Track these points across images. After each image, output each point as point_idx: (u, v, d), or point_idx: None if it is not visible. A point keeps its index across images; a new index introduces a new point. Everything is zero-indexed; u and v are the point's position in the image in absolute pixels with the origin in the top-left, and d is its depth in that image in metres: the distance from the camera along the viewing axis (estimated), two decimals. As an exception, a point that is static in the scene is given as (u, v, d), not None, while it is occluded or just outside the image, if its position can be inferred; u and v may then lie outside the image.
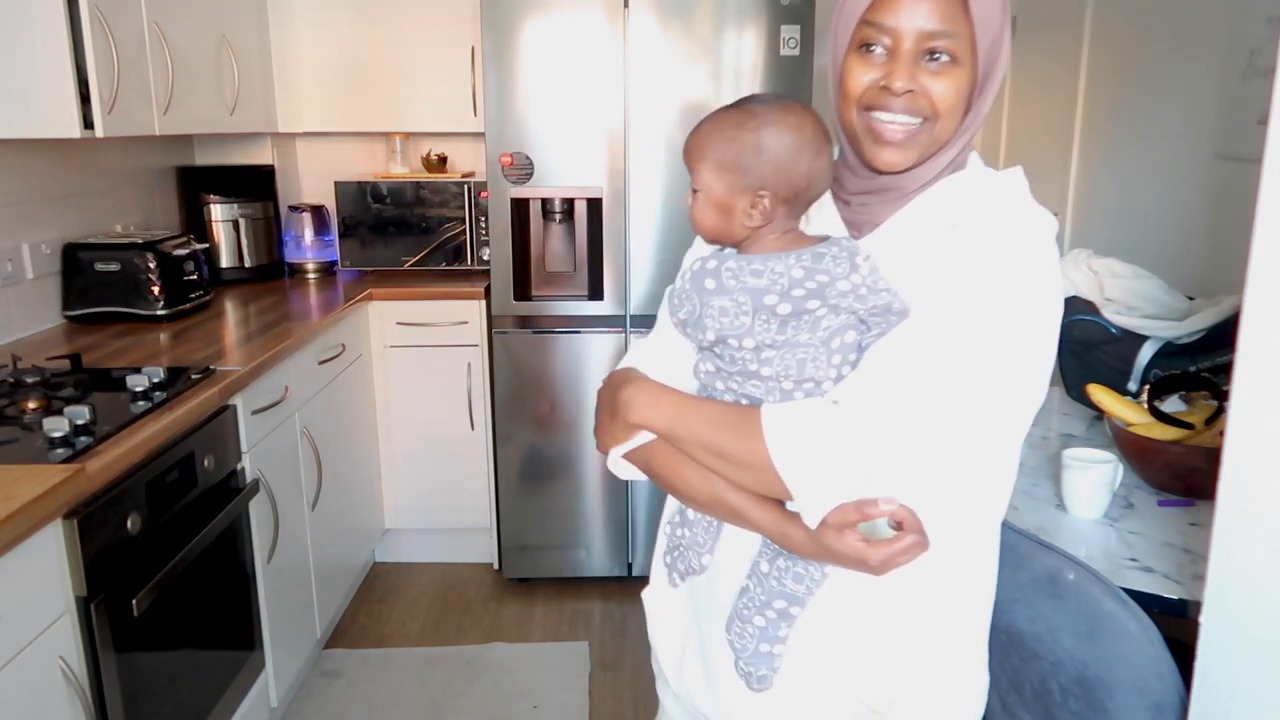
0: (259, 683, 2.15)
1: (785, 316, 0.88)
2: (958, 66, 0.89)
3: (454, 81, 3.12)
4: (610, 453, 1.01)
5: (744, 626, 0.96)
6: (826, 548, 0.87)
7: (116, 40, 2.11)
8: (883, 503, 0.85)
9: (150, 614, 1.65)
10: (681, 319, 0.94)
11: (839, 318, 0.89)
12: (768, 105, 0.92)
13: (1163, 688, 1.16)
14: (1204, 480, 1.16)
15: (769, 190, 0.91)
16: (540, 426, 2.94)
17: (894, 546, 0.86)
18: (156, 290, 2.53)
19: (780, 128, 0.90)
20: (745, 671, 0.98)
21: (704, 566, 1.02)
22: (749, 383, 0.92)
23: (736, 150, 0.91)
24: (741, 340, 0.90)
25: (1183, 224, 2.97)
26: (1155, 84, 3.17)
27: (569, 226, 2.95)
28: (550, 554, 3.03)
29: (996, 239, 0.89)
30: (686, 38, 2.70)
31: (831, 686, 0.98)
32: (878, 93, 0.90)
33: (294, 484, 2.40)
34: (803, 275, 0.88)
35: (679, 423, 0.94)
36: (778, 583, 0.94)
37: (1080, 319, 1.93)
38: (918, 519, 0.86)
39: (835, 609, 0.96)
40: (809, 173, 0.91)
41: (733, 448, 0.90)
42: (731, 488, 0.92)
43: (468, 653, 2.71)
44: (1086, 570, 1.18)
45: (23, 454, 1.51)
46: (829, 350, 0.89)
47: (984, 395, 0.87)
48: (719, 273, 0.90)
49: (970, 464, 0.90)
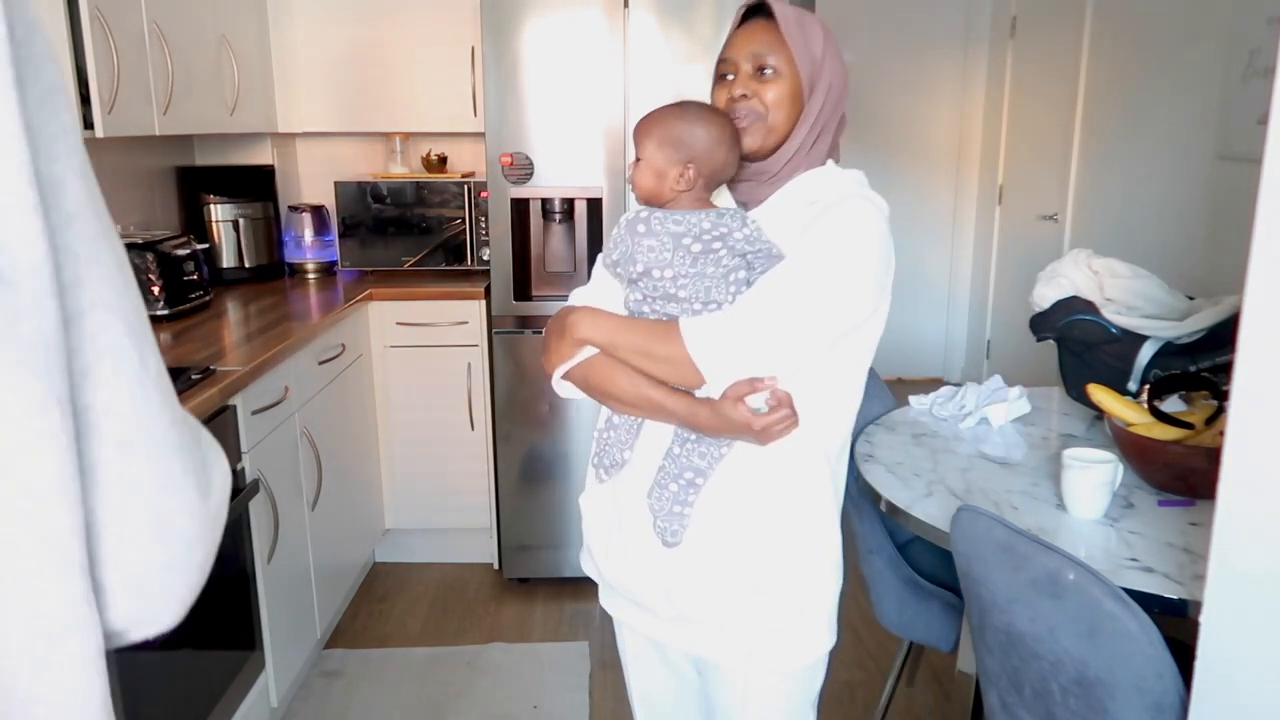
0: (259, 683, 2.15)
1: (697, 254, 1.19)
2: (780, 77, 1.24)
3: (454, 81, 3.12)
4: (554, 373, 1.27)
5: (660, 492, 1.23)
6: (724, 417, 1.17)
7: (116, 40, 2.11)
8: (766, 380, 1.16)
9: (150, 614, 1.65)
10: (615, 259, 1.23)
11: (734, 259, 1.20)
12: (703, 108, 1.25)
13: (1163, 688, 1.16)
14: (1204, 480, 1.17)
15: (695, 164, 1.21)
16: (540, 426, 2.94)
17: (772, 417, 1.16)
18: (156, 290, 2.53)
19: (709, 123, 1.22)
20: (661, 528, 1.24)
21: (625, 460, 1.28)
22: (669, 305, 1.20)
23: (678, 132, 1.22)
24: (663, 271, 1.19)
25: (1183, 224, 2.98)
26: (1155, 84, 3.17)
27: (569, 226, 2.95)
28: (550, 554, 3.03)
29: (845, 211, 1.22)
30: (686, 38, 2.70)
31: (722, 549, 1.24)
32: (729, 102, 1.26)
33: (294, 484, 2.40)
34: (710, 226, 1.20)
35: (616, 334, 1.22)
36: (686, 459, 1.22)
37: (1080, 319, 1.93)
38: (790, 398, 1.17)
39: (727, 488, 1.23)
40: (725, 159, 1.23)
41: (658, 348, 1.18)
42: (653, 384, 1.20)
43: (468, 653, 2.71)
44: (1086, 570, 1.18)
45: (23, 454, 1.51)
46: (727, 282, 1.19)
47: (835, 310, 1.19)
48: (649, 220, 1.20)
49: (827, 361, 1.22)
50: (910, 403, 2.09)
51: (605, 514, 1.34)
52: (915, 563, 1.97)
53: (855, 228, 1.21)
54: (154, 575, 0.58)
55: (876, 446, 1.84)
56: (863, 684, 2.54)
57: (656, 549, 1.25)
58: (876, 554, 1.90)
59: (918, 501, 1.57)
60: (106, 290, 0.52)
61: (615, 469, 1.30)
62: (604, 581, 1.40)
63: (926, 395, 2.08)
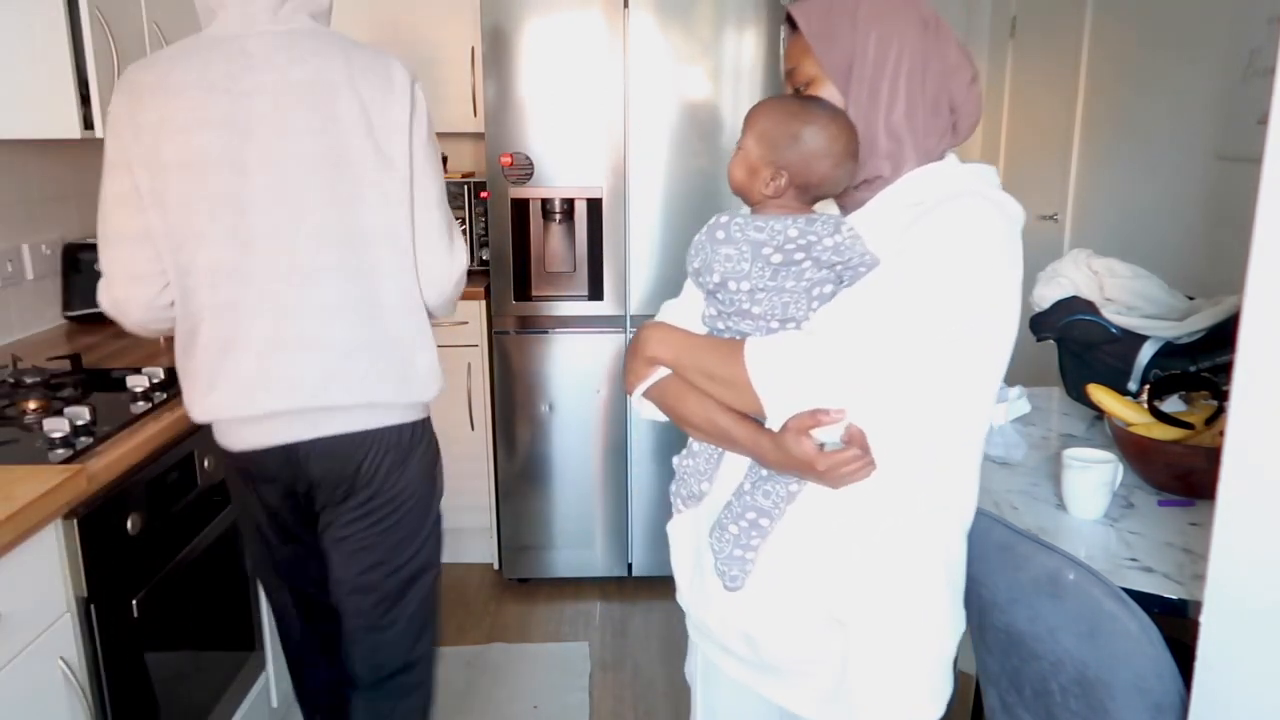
0: (259, 683, 2.15)
1: (777, 265, 1.06)
2: (821, 85, 1.13)
3: (454, 81, 3.12)
4: (634, 391, 1.19)
5: (721, 533, 1.14)
6: (786, 451, 1.04)
7: (116, 40, 2.11)
8: (834, 412, 1.01)
9: (150, 614, 1.65)
10: (695, 267, 1.12)
11: (820, 272, 1.07)
12: (822, 111, 1.10)
13: (1163, 688, 1.16)
14: (1204, 480, 1.16)
15: (788, 172, 1.09)
16: (540, 426, 2.94)
17: (838, 457, 1.02)
18: (156, 290, 2.52)
19: (819, 131, 1.08)
20: (721, 571, 1.15)
21: (703, 493, 1.19)
22: (743, 321, 1.10)
23: (779, 131, 1.10)
24: (740, 283, 1.08)
25: (1182, 224, 2.98)
26: (1155, 84, 3.17)
27: (569, 226, 2.95)
28: (550, 554, 3.03)
29: (951, 211, 1.06)
30: (686, 38, 2.70)
31: (798, 594, 1.13)
32: None
33: (294, 484, 2.40)
34: (796, 234, 1.06)
35: (683, 353, 1.13)
36: (751, 497, 1.12)
37: (1080, 319, 1.93)
38: (865, 438, 1.02)
39: (806, 526, 1.12)
40: (825, 175, 1.10)
41: (720, 370, 1.08)
42: (721, 409, 1.10)
43: (468, 653, 2.71)
44: (1086, 570, 1.18)
45: (23, 454, 1.52)
46: (809, 297, 1.08)
47: (931, 333, 1.02)
48: (729, 226, 1.09)
49: (920, 397, 1.03)
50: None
51: (688, 544, 1.26)
52: (915, 563, 1.97)
53: (959, 229, 1.04)
54: (435, 275, 1.64)
55: (876, 446, 1.84)
56: (863, 684, 2.54)
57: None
58: (877, 554, 1.90)
59: (918, 501, 1.56)
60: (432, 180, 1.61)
61: (693, 501, 1.21)
62: (690, 617, 1.31)
63: (926, 395, 2.08)
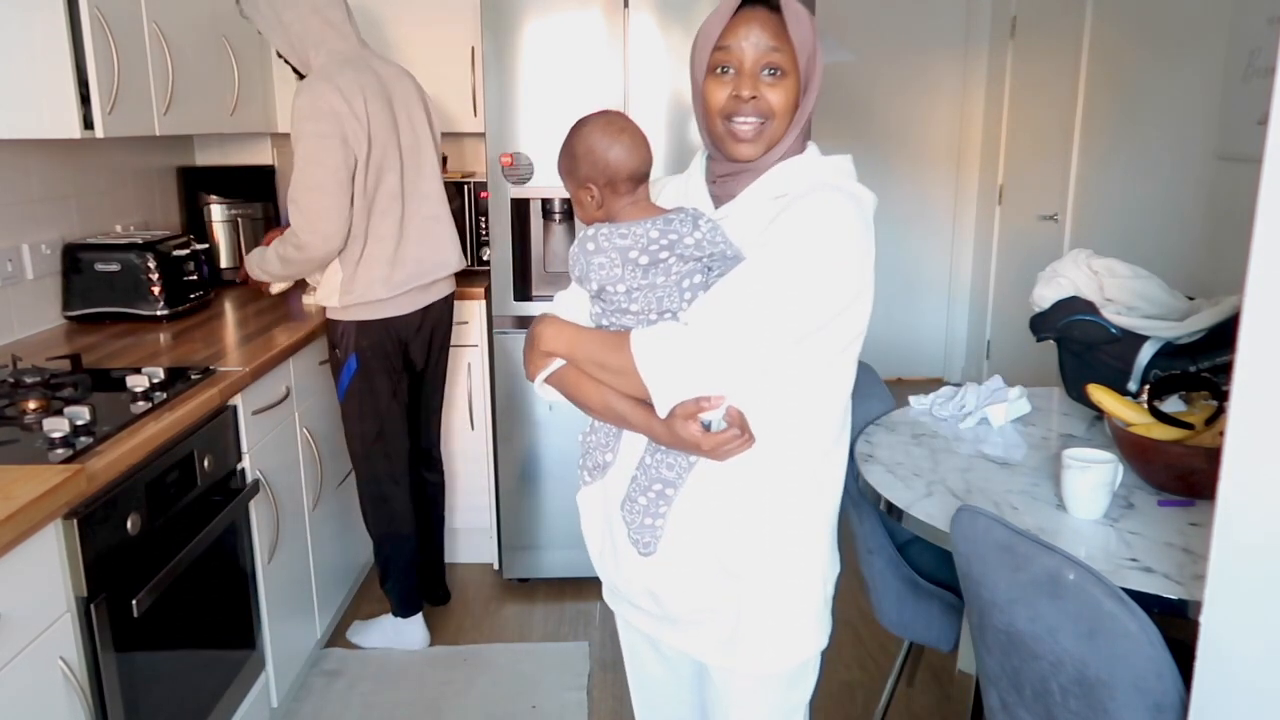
0: (259, 683, 2.15)
1: (645, 266, 1.16)
2: (786, 78, 1.18)
3: (454, 81, 3.12)
4: (535, 379, 1.27)
5: (632, 504, 1.24)
6: (675, 434, 1.14)
7: (116, 40, 2.11)
8: (714, 399, 1.12)
9: (150, 614, 1.65)
10: (576, 276, 1.22)
11: (687, 264, 1.17)
12: (583, 120, 1.23)
13: (1163, 688, 1.16)
14: (1204, 480, 1.17)
15: (592, 183, 1.22)
16: (540, 426, 2.94)
17: (721, 437, 1.13)
18: (156, 290, 2.53)
19: (584, 133, 1.22)
20: (634, 539, 1.25)
21: (607, 464, 1.29)
22: (624, 317, 1.19)
23: (562, 163, 1.25)
24: (616, 286, 1.18)
25: (1183, 224, 2.97)
26: (1155, 84, 3.17)
27: (569, 226, 2.95)
28: (550, 554, 3.03)
29: (809, 203, 1.15)
30: (686, 38, 2.70)
31: (698, 554, 1.24)
32: (732, 102, 1.18)
33: (295, 484, 2.40)
34: (657, 235, 1.16)
35: (575, 346, 1.22)
36: (655, 470, 1.21)
37: (1080, 319, 1.93)
38: (743, 418, 1.14)
39: (700, 492, 1.22)
40: (609, 161, 1.20)
41: (611, 360, 1.17)
42: (616, 395, 1.19)
43: (468, 653, 2.71)
44: (1086, 570, 1.18)
45: (23, 454, 1.51)
46: (680, 289, 1.17)
47: (792, 313, 1.12)
48: (596, 238, 1.19)
49: (789, 376, 1.18)
50: (910, 403, 2.09)
51: (598, 512, 1.35)
52: (915, 563, 1.97)
53: (816, 222, 1.13)
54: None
55: (876, 446, 1.84)
56: (863, 684, 2.54)
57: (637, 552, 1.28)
58: (876, 554, 1.90)
59: (917, 502, 1.57)
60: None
61: (599, 471, 1.31)
62: (604, 578, 1.42)
63: (926, 395, 2.08)
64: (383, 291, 2.41)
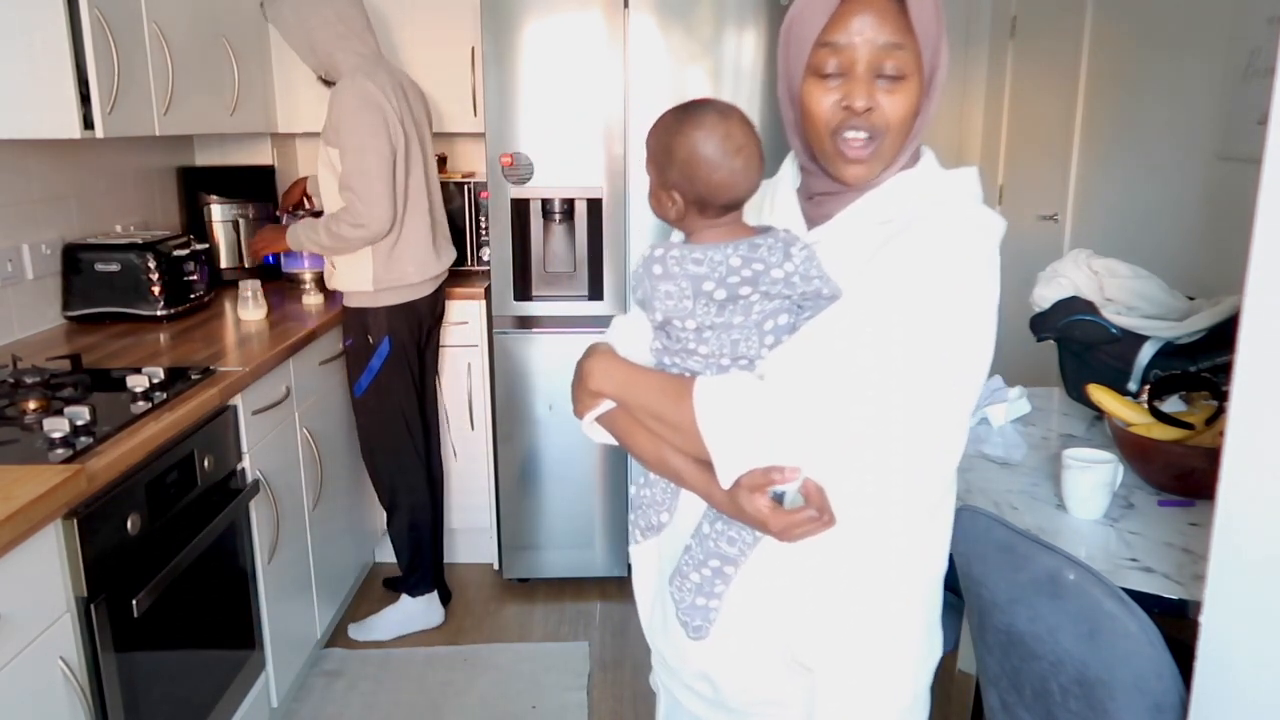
0: (259, 683, 2.15)
1: (722, 301, 0.96)
2: (906, 82, 0.96)
3: (454, 82, 3.12)
4: (583, 419, 1.10)
5: (682, 581, 1.05)
6: (738, 507, 0.94)
7: (116, 40, 2.11)
8: (789, 471, 0.91)
9: (150, 614, 1.65)
10: (638, 300, 1.02)
11: (772, 302, 0.96)
12: (697, 114, 0.98)
13: (1163, 688, 1.16)
14: (1204, 480, 1.16)
15: (678, 192, 0.99)
16: (540, 426, 2.94)
17: (794, 517, 0.92)
18: (156, 290, 2.53)
19: (693, 138, 0.97)
20: (683, 621, 1.06)
21: (662, 524, 1.11)
22: (690, 359, 1.00)
23: (658, 150, 1.00)
24: (684, 321, 0.98)
25: (1182, 224, 2.97)
26: (1155, 84, 3.17)
27: (569, 226, 2.95)
28: (550, 554, 3.03)
29: (926, 232, 0.95)
30: (686, 38, 2.70)
31: (763, 639, 1.05)
32: (841, 113, 0.96)
33: (295, 484, 2.40)
34: (739, 264, 0.95)
35: (628, 390, 1.03)
36: (714, 543, 1.02)
37: (1080, 319, 1.93)
38: (823, 495, 0.91)
39: (769, 570, 1.02)
40: (717, 185, 0.97)
41: (669, 413, 0.98)
42: (674, 450, 1.00)
43: (467, 653, 2.71)
44: (1086, 570, 1.18)
45: (23, 454, 1.51)
46: (761, 332, 0.97)
47: (900, 378, 0.90)
48: (665, 260, 0.97)
49: (888, 443, 0.92)
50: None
51: (651, 574, 1.18)
52: (915, 563, 1.97)
53: (934, 257, 0.92)
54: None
55: (876, 446, 1.84)
56: (863, 684, 2.54)
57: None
58: (876, 554, 1.90)
59: (918, 501, 1.56)
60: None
61: (652, 532, 1.13)
62: (654, 650, 1.22)
63: (926, 395, 2.08)
64: (415, 276, 2.61)
